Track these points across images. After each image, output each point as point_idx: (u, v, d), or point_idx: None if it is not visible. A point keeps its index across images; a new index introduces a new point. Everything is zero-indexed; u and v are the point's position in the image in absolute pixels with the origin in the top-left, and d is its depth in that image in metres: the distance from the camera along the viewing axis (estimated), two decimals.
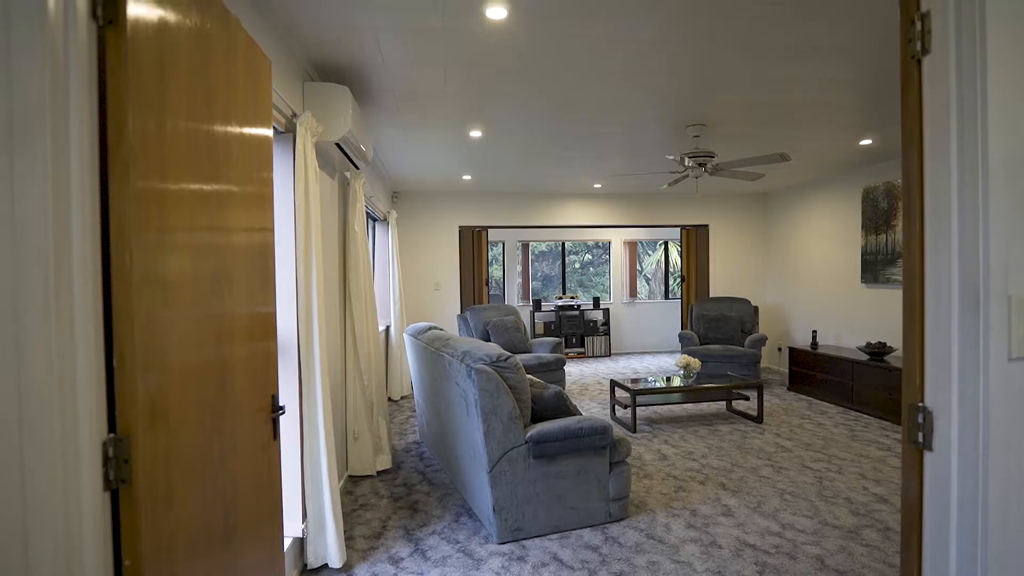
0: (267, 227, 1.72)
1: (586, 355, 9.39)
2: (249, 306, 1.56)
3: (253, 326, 1.59)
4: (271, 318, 1.74)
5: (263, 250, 1.68)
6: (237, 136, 1.50)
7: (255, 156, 1.63)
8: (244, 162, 1.55)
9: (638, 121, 4.13)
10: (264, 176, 1.70)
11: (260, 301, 1.65)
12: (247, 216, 1.56)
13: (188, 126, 1.24)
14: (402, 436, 4.86)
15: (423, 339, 3.84)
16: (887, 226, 5.68)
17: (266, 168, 1.72)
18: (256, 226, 1.63)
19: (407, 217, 7.29)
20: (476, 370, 2.81)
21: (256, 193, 1.63)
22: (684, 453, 4.25)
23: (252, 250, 1.60)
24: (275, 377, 1.77)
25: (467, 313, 6.79)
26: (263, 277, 1.68)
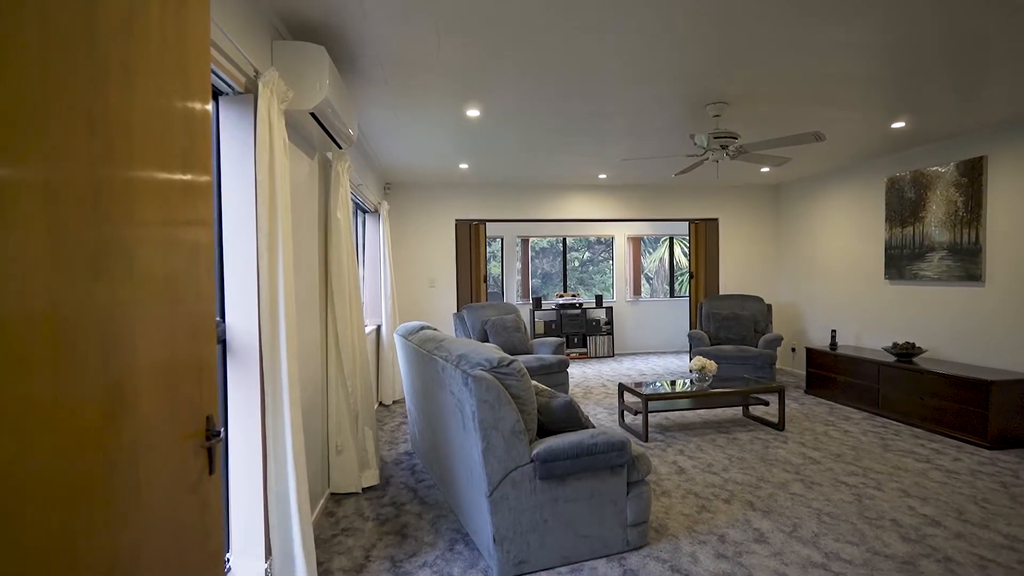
0: (201, 220, 1.30)
1: (588, 356, 9.00)
2: (170, 311, 1.15)
3: (174, 334, 1.18)
4: (205, 322, 1.33)
5: (195, 250, 1.27)
6: (148, 102, 1.09)
7: (181, 130, 1.21)
8: (161, 139, 1.13)
9: (653, 98, 3.72)
10: (197, 157, 1.28)
11: (188, 305, 1.24)
12: (165, 210, 1.14)
13: (46, 87, 0.82)
14: (393, 445, 4.45)
15: (414, 340, 3.43)
16: (914, 218, 5.29)
17: (200, 145, 1.30)
18: (183, 220, 1.21)
19: (400, 209, 6.87)
20: (473, 377, 2.41)
21: (184, 183, 1.22)
22: (703, 466, 3.85)
23: (178, 252, 1.19)
24: (212, 394, 1.36)
25: (464, 312, 6.39)
26: (195, 280, 1.27)
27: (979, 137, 4.68)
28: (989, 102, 3.95)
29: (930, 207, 5.11)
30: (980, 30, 2.75)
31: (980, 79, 3.45)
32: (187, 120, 1.24)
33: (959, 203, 4.83)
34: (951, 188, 4.90)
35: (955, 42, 2.88)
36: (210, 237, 1.35)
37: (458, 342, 2.90)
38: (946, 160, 4.99)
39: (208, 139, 1.35)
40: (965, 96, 3.77)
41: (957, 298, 4.91)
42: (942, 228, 5.00)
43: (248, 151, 2.12)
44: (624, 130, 4.49)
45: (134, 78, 1.04)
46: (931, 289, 5.17)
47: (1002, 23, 2.68)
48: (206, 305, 1.33)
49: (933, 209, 5.08)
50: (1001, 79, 3.45)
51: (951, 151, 4.95)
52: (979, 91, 3.68)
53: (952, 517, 3.01)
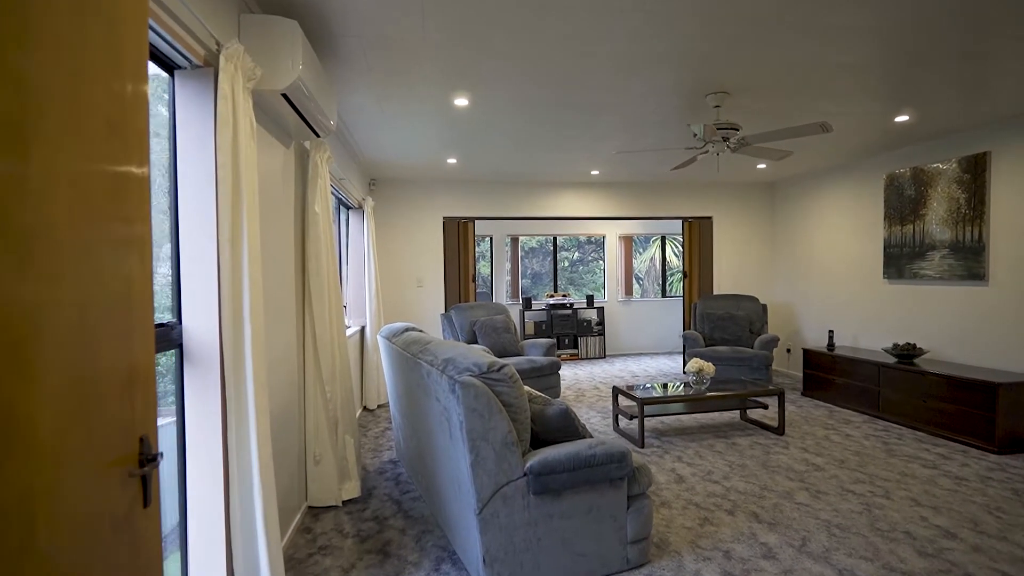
0: (134, 210, 1.08)
1: (579, 357, 8.81)
2: (90, 314, 0.94)
3: (94, 341, 0.96)
4: (140, 326, 1.11)
5: (124, 244, 1.05)
6: (65, 82, 0.87)
7: (105, 112, 1.00)
8: (76, 121, 0.92)
9: (652, 85, 3.54)
10: (127, 139, 1.06)
11: (115, 307, 1.02)
12: (83, 201, 0.93)
13: None
14: (376, 453, 4.22)
15: (398, 342, 3.21)
16: (915, 216, 5.16)
17: (132, 125, 1.08)
18: (109, 212, 1.00)
19: (386, 206, 6.64)
20: (461, 384, 2.20)
21: (109, 169, 1.00)
22: (703, 473, 3.67)
23: (102, 247, 0.97)
24: (148, 410, 1.14)
25: (452, 312, 6.17)
26: (124, 277, 1.05)
27: (983, 132, 4.56)
28: (994, 96, 3.82)
29: (931, 204, 4.98)
30: (986, 16, 2.59)
31: (985, 71, 3.30)
32: (114, 100, 1.02)
33: (962, 200, 4.70)
34: (953, 185, 4.77)
35: (960, 29, 2.73)
36: (146, 229, 1.14)
37: (445, 345, 2.69)
38: (948, 156, 4.87)
39: (143, 120, 1.13)
40: (970, 88, 3.62)
41: (959, 298, 4.78)
42: (943, 226, 4.87)
43: (208, 132, 1.89)
44: (620, 121, 4.30)
45: (34, 50, 0.82)
46: (932, 288, 5.04)
47: (1009, 10, 2.52)
48: (141, 306, 1.12)
49: (934, 206, 4.95)
50: (1007, 71, 3.31)
51: (953, 147, 4.82)
52: (984, 84, 3.54)
53: (968, 528, 2.85)
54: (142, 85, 1.13)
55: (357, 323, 5.55)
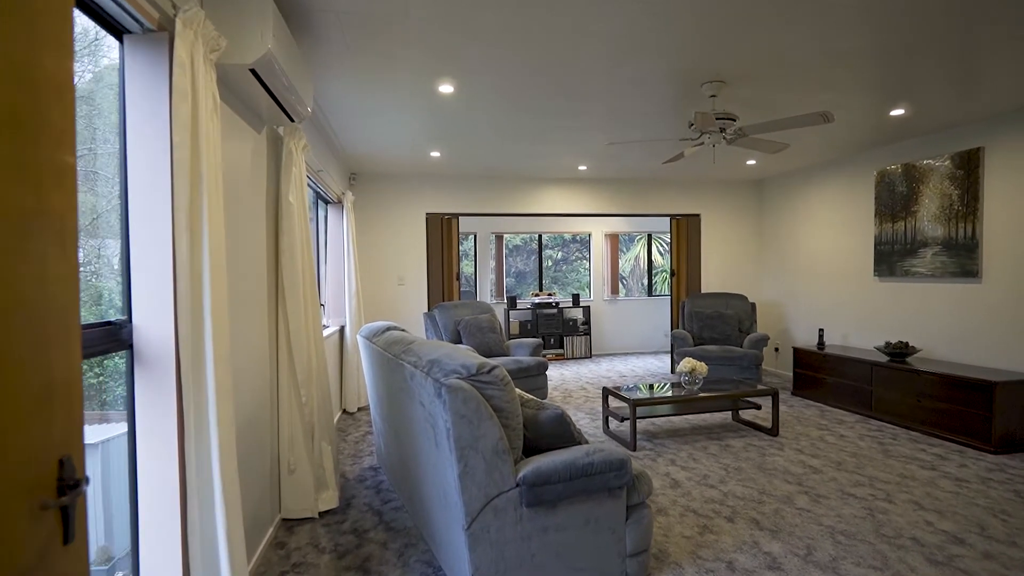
0: (52, 211, 0.89)
1: (565, 357, 8.67)
2: None
3: None
4: (63, 327, 0.91)
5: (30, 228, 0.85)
6: None
7: (19, 100, 0.80)
8: None
9: (644, 74, 3.38)
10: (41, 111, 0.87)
11: (23, 304, 0.82)
12: None
13: None
14: (356, 459, 4.01)
15: (378, 342, 3.01)
16: (906, 212, 5.09)
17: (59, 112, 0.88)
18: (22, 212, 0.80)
19: (367, 201, 6.41)
20: (448, 387, 2.01)
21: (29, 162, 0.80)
22: (699, 478, 3.52)
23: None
24: (72, 426, 0.94)
25: (435, 311, 5.97)
26: (38, 268, 0.85)
27: (976, 128, 4.49)
28: (988, 90, 3.75)
29: (923, 201, 4.92)
30: (979, 3, 2.49)
31: (979, 62, 3.23)
32: (23, 73, 0.82)
33: (954, 196, 4.63)
34: (946, 181, 4.71)
35: (954, 14, 2.61)
36: (70, 222, 0.94)
37: (429, 344, 2.50)
38: (939, 152, 4.80)
39: (67, 99, 0.93)
40: (964, 81, 3.54)
41: (952, 295, 4.72)
42: (936, 223, 4.80)
43: (163, 106, 1.68)
44: (611, 111, 4.14)
45: None
46: (924, 286, 4.97)
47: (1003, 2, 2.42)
48: (62, 308, 0.91)
49: (926, 203, 4.89)
50: (1001, 63, 3.23)
51: (945, 143, 4.75)
52: (978, 77, 3.47)
53: (975, 533, 2.74)
54: (66, 61, 0.93)
55: (336, 323, 5.32)
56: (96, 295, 1.81)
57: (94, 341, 1.48)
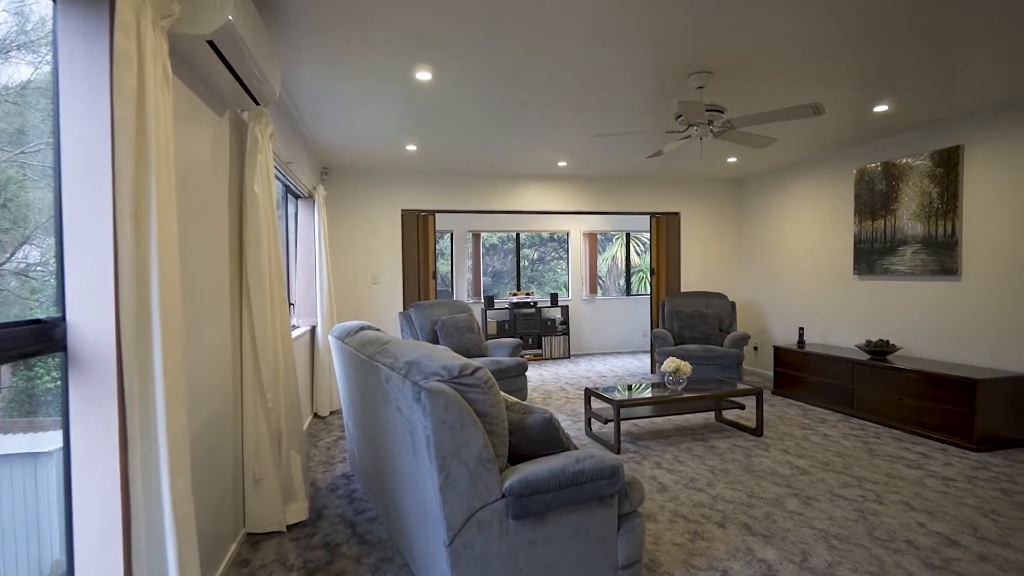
0: None
1: (543, 357, 8.54)
2: None
3: None
4: None
5: None
6: None
7: None
8: None
9: (629, 62, 3.26)
10: None
11: None
12: None
13: None
14: (328, 466, 3.80)
15: (351, 343, 2.82)
16: (886, 211, 5.09)
17: None
18: None
19: (340, 197, 6.18)
20: (427, 391, 1.84)
21: None
22: (686, 481, 3.42)
23: None
24: None
25: (411, 310, 5.77)
26: None
27: (955, 126, 4.50)
28: (968, 87, 3.74)
29: (902, 199, 4.92)
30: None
31: (962, 56, 3.21)
32: None
33: (934, 194, 4.64)
34: (925, 179, 4.71)
35: (936, 5, 2.56)
36: None
37: (406, 345, 2.33)
38: (919, 150, 4.81)
39: None
40: (946, 75, 3.51)
41: (932, 293, 4.72)
42: (915, 221, 4.80)
43: (102, 75, 1.48)
44: (594, 103, 4.01)
45: None
46: (904, 284, 4.97)
47: None
48: None
49: (906, 201, 4.89)
50: (982, 57, 3.22)
51: (925, 141, 4.76)
52: (959, 72, 3.46)
53: (968, 535, 2.69)
54: None
55: (307, 323, 5.09)
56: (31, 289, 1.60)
57: (17, 342, 1.27)
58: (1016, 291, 4.10)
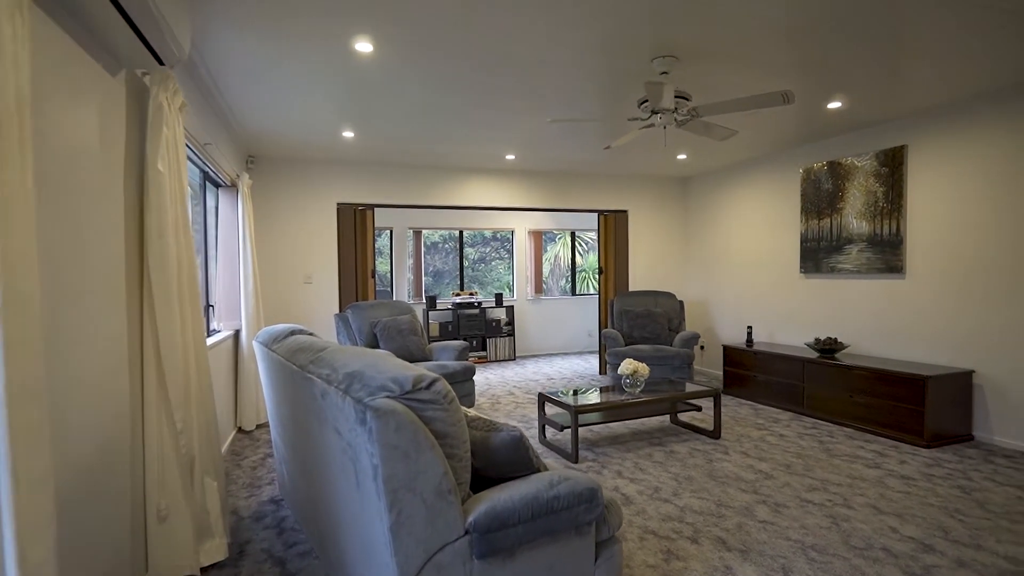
0: None
1: (488, 359, 8.24)
2: None
3: None
4: None
5: None
6: None
7: None
8: None
9: (592, 45, 3.02)
10: None
11: None
12: None
13: None
14: (254, 490, 3.34)
15: (280, 349, 2.42)
16: (832, 209, 5.13)
17: None
18: None
19: (268, 188, 5.64)
20: (375, 411, 1.50)
21: None
22: (650, 491, 3.21)
23: None
24: None
25: (348, 312, 5.33)
26: None
27: (899, 126, 4.56)
28: (913, 89, 3.78)
29: (848, 198, 4.96)
30: None
31: (907, 61, 3.25)
32: None
33: (879, 194, 4.69)
34: (871, 178, 4.76)
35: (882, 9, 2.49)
36: None
37: (345, 352, 1.97)
38: (864, 150, 4.86)
39: None
40: (892, 74, 3.52)
41: (877, 291, 4.78)
42: (861, 219, 4.85)
43: None
44: (552, 89, 3.75)
45: None
46: (850, 282, 5.02)
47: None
48: None
49: (852, 200, 4.93)
50: (926, 62, 3.26)
51: (870, 140, 4.81)
52: (905, 74, 3.50)
53: (939, 537, 2.61)
54: None
55: (230, 326, 4.56)
56: None
57: None
58: (957, 289, 4.18)
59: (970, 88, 3.84)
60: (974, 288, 4.08)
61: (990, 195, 3.97)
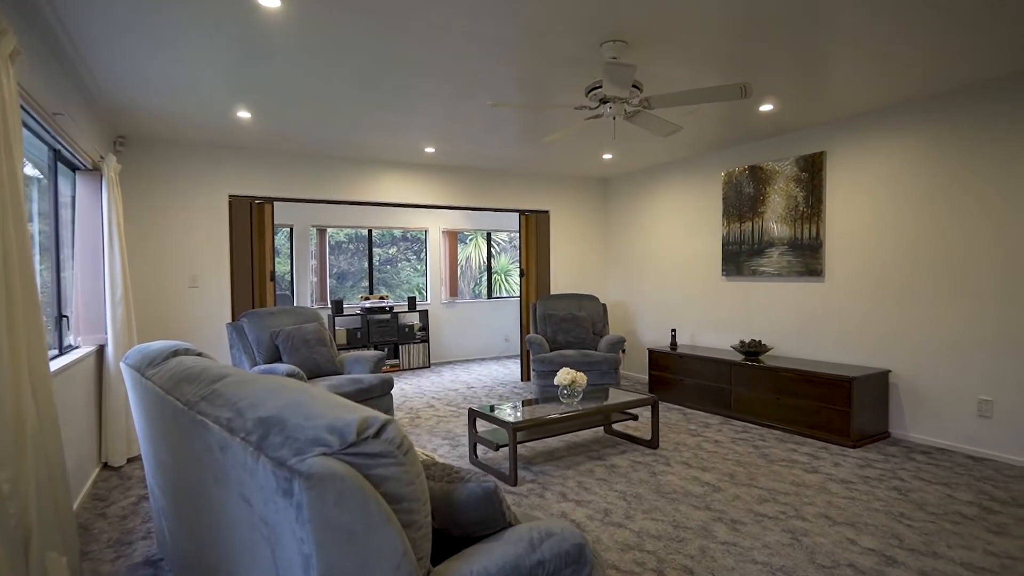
0: None
1: (401, 368, 7.70)
2: None
3: None
4: None
5: None
6: None
7: None
8: None
9: (529, 21, 2.69)
10: None
11: None
12: None
13: None
14: (123, 548, 2.66)
15: (158, 377, 1.85)
16: (753, 213, 5.19)
17: None
18: None
19: (143, 174, 4.78)
20: (307, 479, 1.05)
21: None
22: (600, 514, 2.94)
23: None
24: None
25: (244, 320, 4.63)
26: None
27: (819, 132, 4.67)
28: (832, 95, 3.85)
29: (770, 202, 5.04)
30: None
31: (827, 67, 3.30)
32: None
33: (800, 198, 4.78)
34: (792, 183, 4.85)
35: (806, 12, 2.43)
36: None
37: (255, 385, 1.47)
38: (784, 155, 4.95)
39: None
40: (815, 80, 3.54)
41: (798, 294, 4.87)
42: (782, 223, 4.93)
43: None
44: (487, 70, 3.38)
45: None
46: (772, 285, 5.10)
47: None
48: None
49: (773, 204, 5.01)
50: (845, 69, 3.32)
51: (791, 146, 4.90)
52: (825, 80, 3.55)
53: (896, 547, 2.55)
54: None
55: (91, 341, 3.74)
56: None
57: None
58: (872, 291, 4.32)
59: (883, 99, 3.97)
60: (887, 290, 4.23)
61: (899, 202, 4.13)
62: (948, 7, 2.60)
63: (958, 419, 3.86)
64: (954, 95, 3.82)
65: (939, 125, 3.91)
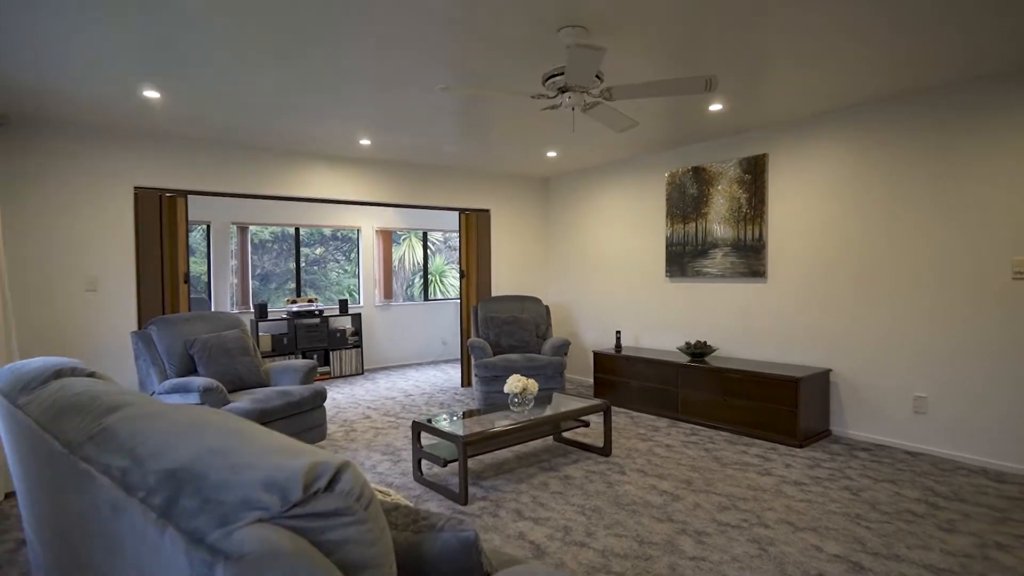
0: None
1: (332, 375, 7.23)
2: None
3: None
4: None
5: None
6: None
7: None
8: None
9: (483, 0, 2.46)
10: None
11: None
12: None
13: None
14: None
15: (32, 407, 1.46)
16: (697, 214, 5.20)
17: None
18: None
19: (30, 162, 4.13)
20: (234, 561, 0.76)
21: None
22: (560, 533, 2.74)
23: None
24: None
25: (152, 328, 4.09)
26: None
27: (761, 135, 4.72)
28: (775, 98, 3.87)
29: (713, 203, 5.05)
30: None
31: (770, 70, 3.28)
32: None
33: (743, 200, 4.82)
34: (735, 184, 4.87)
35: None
36: None
37: (162, 418, 1.14)
38: (728, 157, 4.98)
39: None
40: (759, 82, 3.54)
41: (742, 295, 4.91)
42: (726, 225, 4.96)
43: None
44: (423, 52, 3.11)
45: None
46: (715, 286, 5.12)
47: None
48: None
49: (716, 206, 5.02)
50: (788, 69, 3.33)
51: (734, 148, 4.94)
52: (769, 83, 3.55)
53: (860, 552, 2.51)
54: None
55: None
56: None
57: None
58: (812, 292, 4.40)
59: (823, 104, 4.04)
60: (826, 291, 4.32)
61: (836, 205, 4.23)
62: (895, 15, 2.60)
63: (896, 416, 3.97)
64: (885, 103, 3.94)
65: (873, 131, 4.01)
